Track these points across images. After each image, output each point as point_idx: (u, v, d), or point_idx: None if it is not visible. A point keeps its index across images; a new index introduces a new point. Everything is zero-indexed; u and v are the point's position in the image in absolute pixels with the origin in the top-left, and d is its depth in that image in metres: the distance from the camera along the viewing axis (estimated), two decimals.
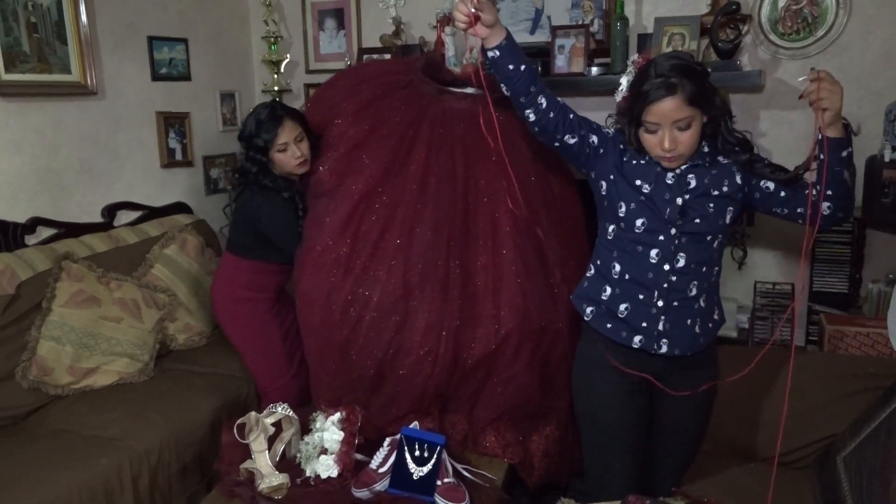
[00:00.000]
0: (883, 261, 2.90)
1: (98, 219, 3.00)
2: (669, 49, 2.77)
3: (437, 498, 1.90)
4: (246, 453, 2.12)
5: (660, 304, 1.81)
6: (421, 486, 1.91)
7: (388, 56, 3.34)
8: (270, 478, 2.00)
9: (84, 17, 2.85)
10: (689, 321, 1.83)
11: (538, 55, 3.05)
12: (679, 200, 1.78)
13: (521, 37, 3.28)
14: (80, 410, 2.40)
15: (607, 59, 3.01)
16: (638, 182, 1.82)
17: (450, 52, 3.17)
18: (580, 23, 3.09)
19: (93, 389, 2.54)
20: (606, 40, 3.06)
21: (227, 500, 2.01)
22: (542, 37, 3.24)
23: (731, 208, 1.81)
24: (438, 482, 1.92)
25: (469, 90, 2.62)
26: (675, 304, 1.81)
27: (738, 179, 1.83)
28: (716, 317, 1.91)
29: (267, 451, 2.06)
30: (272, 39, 3.57)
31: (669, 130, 1.71)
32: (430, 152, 2.36)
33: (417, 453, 1.94)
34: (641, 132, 1.77)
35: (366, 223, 2.29)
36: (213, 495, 2.05)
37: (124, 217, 3.12)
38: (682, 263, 1.79)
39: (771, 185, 1.82)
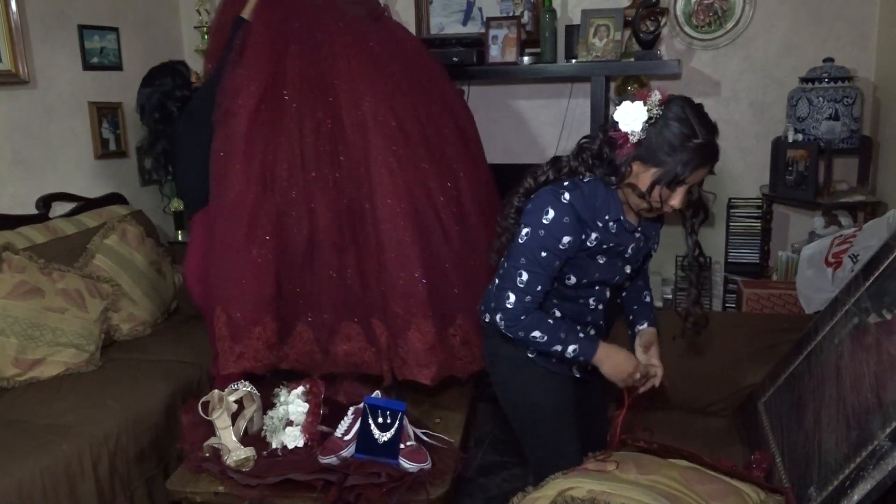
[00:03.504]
0: (788, 232, 3.20)
1: (33, 210, 2.95)
2: (596, 40, 2.96)
3: (402, 460, 2.00)
4: (208, 432, 2.17)
5: (592, 332, 1.91)
6: (385, 450, 2.01)
7: None
8: (237, 452, 2.06)
9: (13, 4, 2.79)
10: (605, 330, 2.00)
11: (472, 45, 3.19)
12: (628, 269, 1.85)
13: (454, 27, 3.43)
14: (29, 401, 2.38)
15: (537, 49, 3.18)
16: (598, 257, 1.77)
17: None
18: (511, 14, 3.25)
19: (40, 380, 2.51)
20: (536, 31, 3.24)
21: (195, 476, 2.05)
22: (473, 28, 3.39)
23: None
24: (402, 446, 2.02)
25: None
26: (602, 323, 1.96)
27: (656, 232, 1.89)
28: None
29: (231, 427, 2.12)
30: (204, 29, 3.57)
31: (686, 191, 1.64)
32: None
33: (381, 420, 2.04)
34: (659, 187, 1.62)
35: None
36: (181, 472, 2.08)
37: (59, 208, 3.07)
38: (608, 295, 1.91)
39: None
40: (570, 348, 1.74)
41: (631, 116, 1.60)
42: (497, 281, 1.83)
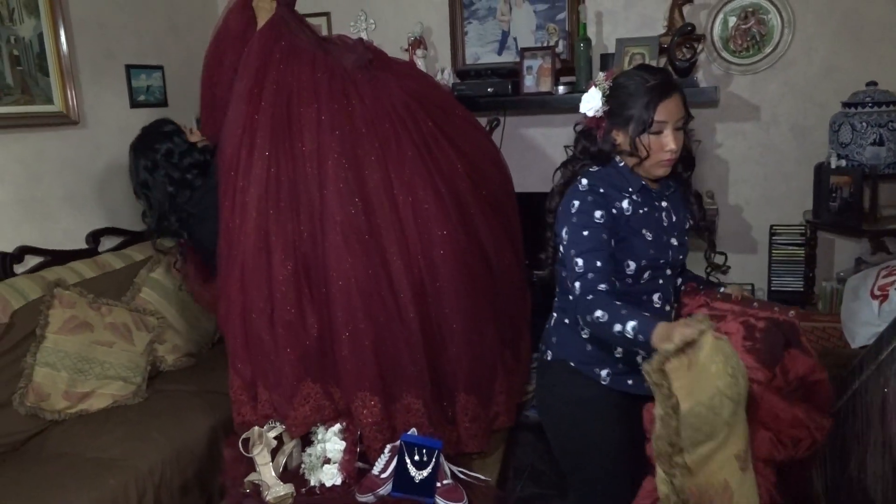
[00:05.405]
0: (833, 259, 3.13)
1: (83, 245, 3.05)
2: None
3: (438, 499, 2.02)
4: (248, 468, 2.21)
5: None
6: (422, 488, 2.03)
7: None
8: (276, 488, 2.09)
9: (65, 48, 2.90)
10: None
11: (508, 76, 3.21)
12: (674, 241, 1.84)
13: (490, 57, 3.45)
14: (78, 434, 2.46)
15: (572, 77, 3.18)
16: (644, 231, 1.78)
17: None
18: (545, 44, 3.26)
19: (89, 413, 2.59)
20: (571, 60, 3.24)
21: None
22: (508, 57, 3.41)
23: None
24: (438, 484, 2.04)
25: None
26: None
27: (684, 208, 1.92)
28: None
29: (271, 464, 2.16)
30: None
31: (673, 130, 1.71)
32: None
33: (417, 458, 2.05)
34: (643, 137, 1.71)
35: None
36: None
37: (108, 242, 3.17)
38: (672, 292, 1.87)
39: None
40: (630, 325, 1.56)
41: (590, 102, 1.79)
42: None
